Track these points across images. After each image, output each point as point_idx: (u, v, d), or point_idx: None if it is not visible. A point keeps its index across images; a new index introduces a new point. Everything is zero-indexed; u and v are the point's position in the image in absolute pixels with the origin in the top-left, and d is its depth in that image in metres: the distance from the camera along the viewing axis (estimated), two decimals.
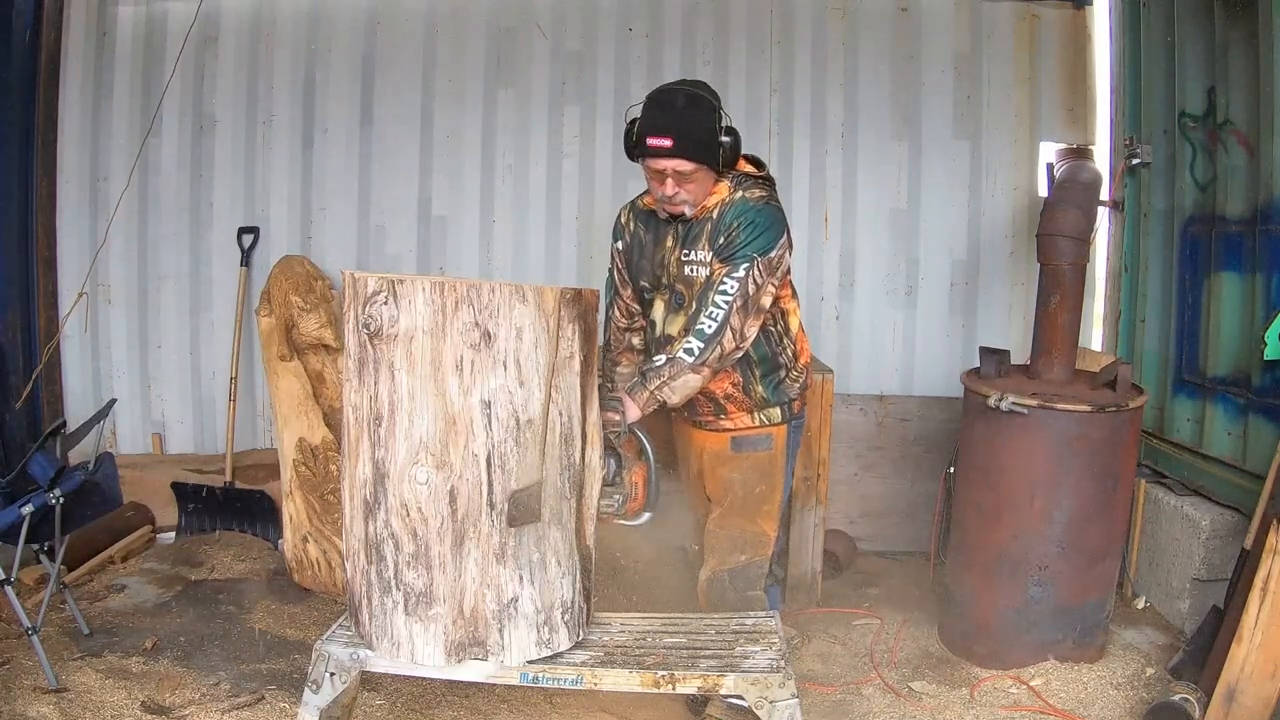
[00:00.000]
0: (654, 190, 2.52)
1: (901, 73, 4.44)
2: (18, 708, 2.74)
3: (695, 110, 2.45)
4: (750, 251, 2.43)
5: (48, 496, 2.95)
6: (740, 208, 2.49)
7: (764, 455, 2.69)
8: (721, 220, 2.50)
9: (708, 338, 2.39)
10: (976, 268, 4.49)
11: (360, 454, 1.99)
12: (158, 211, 4.58)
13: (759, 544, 2.70)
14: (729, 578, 2.67)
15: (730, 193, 2.52)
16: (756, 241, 2.44)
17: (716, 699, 2.65)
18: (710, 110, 2.46)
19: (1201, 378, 3.58)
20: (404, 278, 1.91)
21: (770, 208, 2.52)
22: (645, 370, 2.40)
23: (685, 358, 2.38)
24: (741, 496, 2.69)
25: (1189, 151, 3.69)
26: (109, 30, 4.51)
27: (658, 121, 2.43)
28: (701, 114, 2.45)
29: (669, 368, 2.38)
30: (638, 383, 2.38)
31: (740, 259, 2.43)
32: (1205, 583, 3.34)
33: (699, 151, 2.42)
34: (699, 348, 2.39)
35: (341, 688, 2.12)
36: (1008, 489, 3.17)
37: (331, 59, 4.53)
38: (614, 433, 2.26)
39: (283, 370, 3.99)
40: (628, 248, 2.74)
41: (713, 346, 2.39)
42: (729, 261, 2.45)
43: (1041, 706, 2.98)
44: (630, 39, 4.49)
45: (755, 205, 2.49)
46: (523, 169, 4.54)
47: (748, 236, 2.45)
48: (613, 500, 2.27)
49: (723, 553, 2.69)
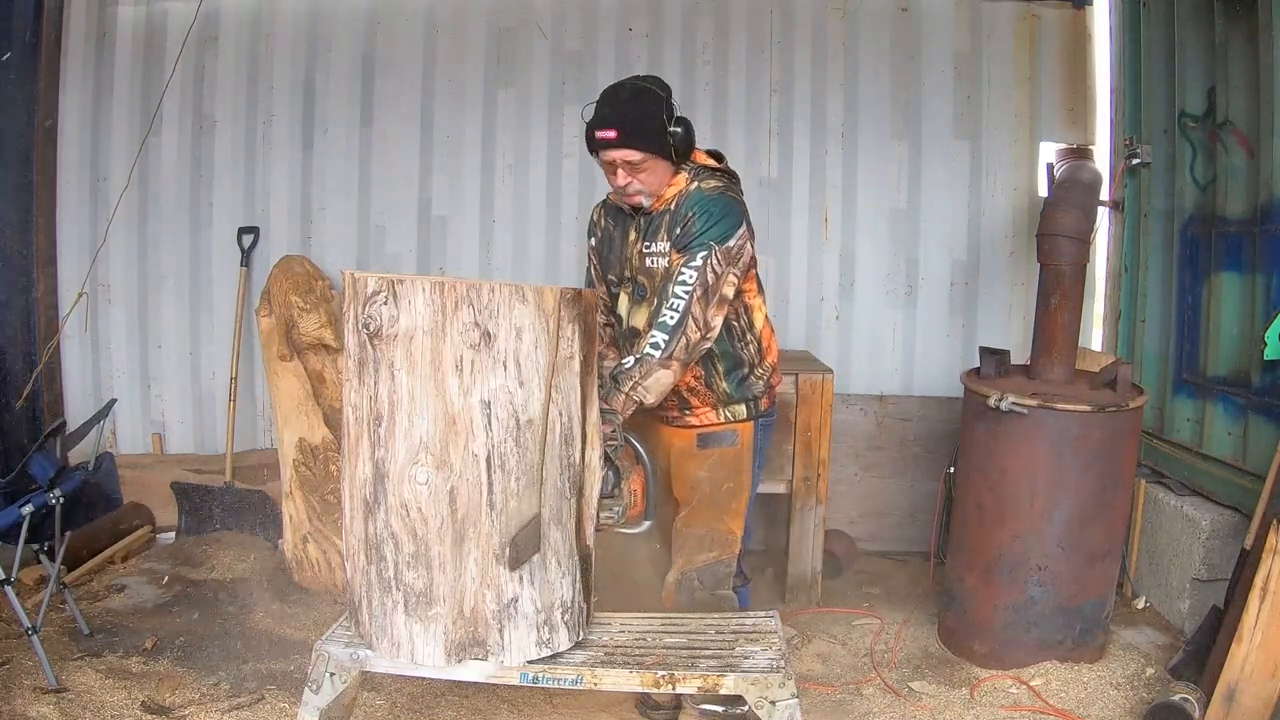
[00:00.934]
0: (610, 183, 2.56)
1: (901, 73, 4.44)
2: (18, 708, 2.75)
3: (640, 101, 2.47)
4: (707, 239, 2.43)
5: (48, 496, 2.95)
6: (696, 197, 2.50)
7: (729, 451, 2.68)
8: (678, 211, 2.51)
9: (671, 329, 2.38)
10: (976, 268, 4.49)
11: (360, 454, 1.99)
12: (158, 211, 4.58)
13: (726, 543, 2.67)
14: (698, 576, 2.64)
15: (687, 184, 2.54)
16: (712, 230, 2.44)
17: (689, 708, 2.65)
18: (656, 100, 2.47)
19: (1201, 378, 3.58)
20: (404, 278, 1.91)
21: (726, 197, 2.52)
22: (617, 374, 2.38)
23: (652, 353, 2.37)
24: (709, 495, 2.68)
25: (1189, 152, 3.69)
26: (109, 30, 4.51)
27: (604, 115, 2.48)
28: (646, 104, 2.47)
29: (639, 368, 2.37)
30: (612, 388, 2.36)
31: (697, 247, 2.43)
32: (1205, 583, 3.34)
33: (644, 140, 2.44)
34: (664, 340, 2.38)
35: (342, 688, 2.12)
36: (1008, 489, 3.17)
37: (331, 59, 4.53)
38: (611, 445, 2.26)
39: (283, 370, 3.99)
40: (600, 243, 2.77)
41: (677, 338, 2.38)
42: (686, 251, 2.44)
43: (1041, 706, 2.98)
44: (630, 39, 4.49)
45: (710, 195, 2.50)
46: (523, 169, 4.54)
47: (703, 225, 2.44)
48: (613, 511, 2.27)
49: (689, 552, 2.66)
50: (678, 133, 2.47)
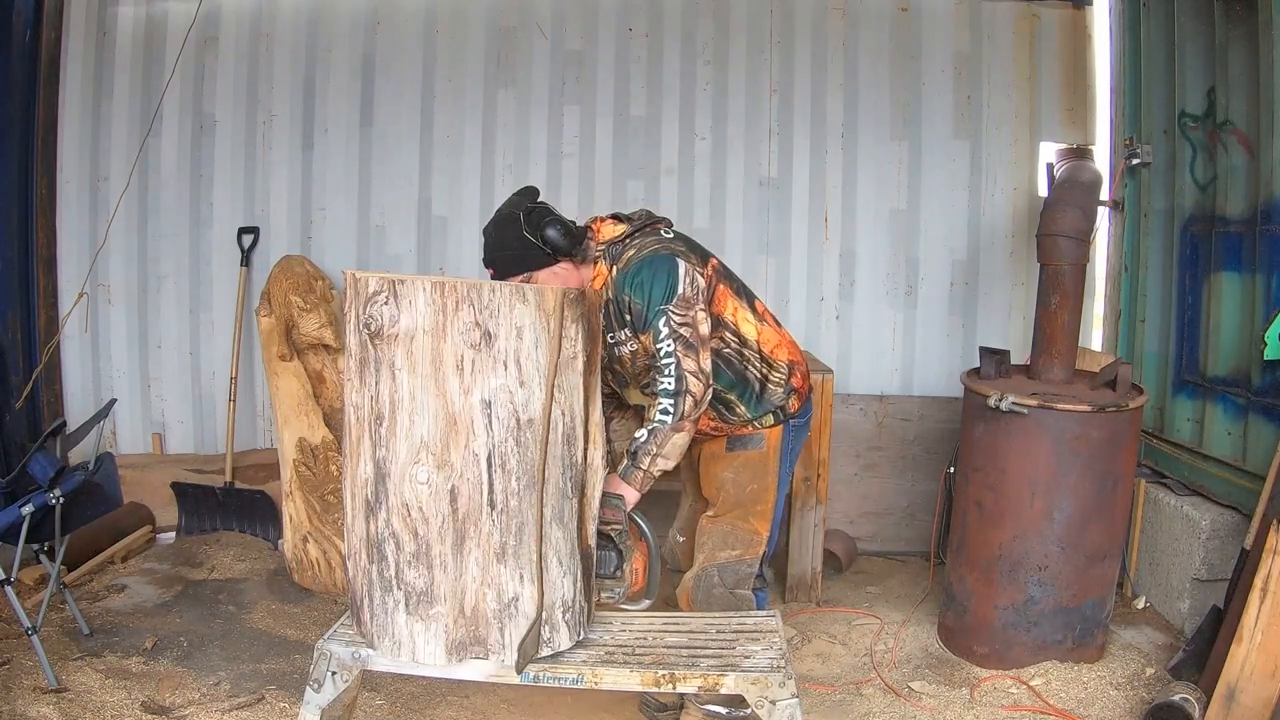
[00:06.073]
0: None
1: (901, 73, 4.45)
2: (18, 708, 2.74)
3: (498, 231, 2.50)
4: (656, 307, 2.44)
5: (48, 496, 2.95)
6: (620, 283, 2.50)
7: (755, 454, 2.69)
8: (615, 301, 2.51)
9: (674, 394, 2.42)
10: (976, 268, 4.50)
11: (361, 453, 1.99)
12: (158, 211, 4.58)
13: (750, 542, 2.67)
14: (718, 573, 2.64)
15: (609, 270, 2.54)
16: (654, 297, 2.45)
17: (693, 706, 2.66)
18: (512, 223, 2.48)
19: (1201, 378, 3.58)
20: (405, 278, 1.91)
21: (643, 259, 2.49)
22: (633, 450, 2.42)
23: (664, 420, 2.41)
24: (734, 495, 2.69)
25: (1189, 151, 3.69)
26: (109, 30, 4.51)
27: (484, 253, 2.54)
28: (504, 232, 2.49)
29: (653, 440, 2.41)
30: (629, 466, 2.40)
31: (654, 318, 2.44)
32: (1205, 583, 3.34)
33: (515, 265, 2.47)
34: (670, 405, 2.41)
35: (343, 687, 2.12)
36: (1008, 489, 3.18)
37: (331, 59, 4.53)
38: (616, 530, 2.28)
39: (283, 370, 3.99)
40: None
41: (682, 399, 2.41)
42: (649, 328, 2.46)
43: (1041, 706, 2.98)
44: (630, 39, 4.49)
45: (630, 271, 2.49)
46: (523, 169, 4.54)
47: (644, 300, 2.45)
48: (614, 592, 2.30)
49: (712, 548, 2.67)
50: (548, 237, 2.46)
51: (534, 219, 2.48)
